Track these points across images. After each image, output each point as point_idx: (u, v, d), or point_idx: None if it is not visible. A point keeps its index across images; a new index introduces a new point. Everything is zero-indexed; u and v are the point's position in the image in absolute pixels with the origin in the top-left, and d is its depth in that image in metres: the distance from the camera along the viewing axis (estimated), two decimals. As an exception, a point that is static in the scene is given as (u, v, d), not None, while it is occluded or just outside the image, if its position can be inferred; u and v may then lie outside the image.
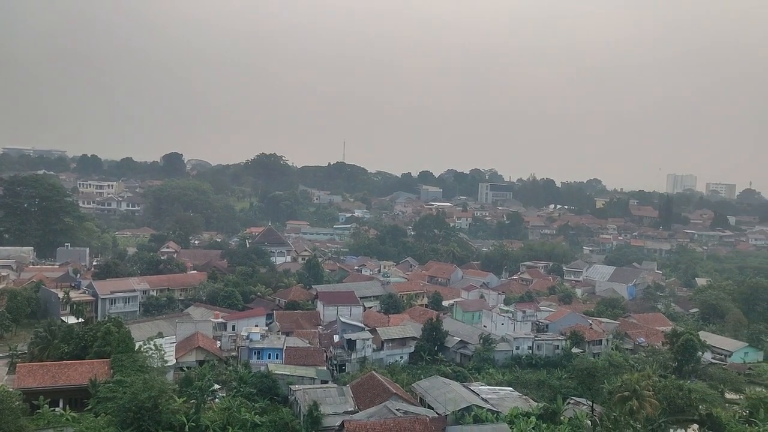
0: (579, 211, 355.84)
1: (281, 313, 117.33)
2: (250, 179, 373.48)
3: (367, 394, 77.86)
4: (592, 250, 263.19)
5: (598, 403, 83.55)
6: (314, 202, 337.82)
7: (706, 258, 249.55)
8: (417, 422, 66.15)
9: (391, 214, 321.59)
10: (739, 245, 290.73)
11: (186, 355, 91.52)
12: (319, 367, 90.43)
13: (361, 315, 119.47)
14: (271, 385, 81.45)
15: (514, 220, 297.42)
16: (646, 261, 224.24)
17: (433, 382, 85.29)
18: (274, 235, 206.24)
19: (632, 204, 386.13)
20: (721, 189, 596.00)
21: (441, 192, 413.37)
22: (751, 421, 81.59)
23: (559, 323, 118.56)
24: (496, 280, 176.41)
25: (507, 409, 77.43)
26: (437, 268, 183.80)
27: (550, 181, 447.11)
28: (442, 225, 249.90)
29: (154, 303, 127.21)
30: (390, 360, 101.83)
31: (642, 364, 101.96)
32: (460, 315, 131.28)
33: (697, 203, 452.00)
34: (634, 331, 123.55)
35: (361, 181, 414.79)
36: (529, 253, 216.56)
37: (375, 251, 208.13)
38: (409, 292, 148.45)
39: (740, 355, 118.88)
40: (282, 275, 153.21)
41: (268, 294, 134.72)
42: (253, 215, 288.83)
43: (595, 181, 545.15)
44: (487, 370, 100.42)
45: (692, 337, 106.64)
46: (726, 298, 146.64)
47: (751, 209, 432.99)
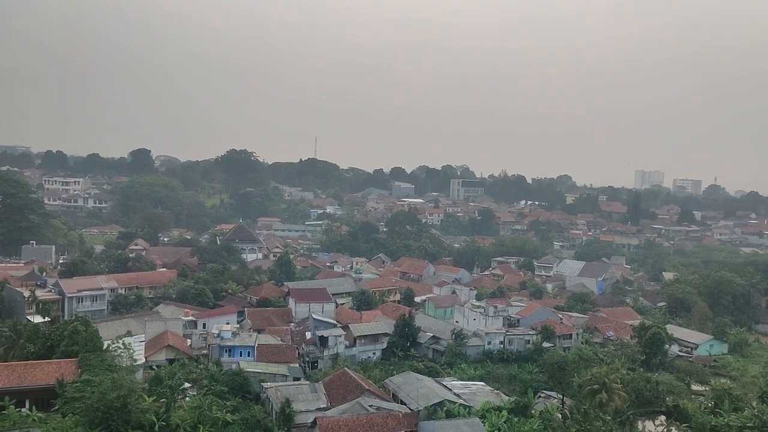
0: (549, 207, 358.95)
1: (253, 311, 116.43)
2: (220, 175, 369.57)
3: (339, 391, 77.71)
4: (562, 245, 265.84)
5: (568, 396, 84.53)
6: (286, 199, 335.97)
7: (673, 252, 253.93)
8: (390, 418, 66.28)
9: (363, 211, 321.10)
10: (705, 240, 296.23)
11: (156, 354, 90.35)
12: (291, 364, 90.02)
13: (333, 312, 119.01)
14: (243, 383, 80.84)
15: (485, 216, 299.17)
16: (615, 256, 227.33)
17: (405, 378, 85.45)
18: (245, 231, 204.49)
19: (601, 200, 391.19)
20: (688, 185, 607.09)
21: (413, 188, 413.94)
22: (716, 412, 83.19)
23: (530, 318, 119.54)
24: (467, 276, 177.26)
25: (479, 403, 77.95)
26: (409, 264, 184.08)
27: (521, 177, 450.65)
28: (414, 221, 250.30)
29: (122, 301, 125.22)
30: (362, 356, 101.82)
31: (611, 358, 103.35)
32: (432, 311, 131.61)
33: (665, 199, 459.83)
34: (603, 325, 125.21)
35: (333, 178, 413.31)
36: (501, 249, 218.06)
37: (347, 248, 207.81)
38: (382, 288, 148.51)
39: (706, 347, 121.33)
40: (253, 272, 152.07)
41: (240, 291, 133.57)
42: (224, 212, 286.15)
43: (565, 177, 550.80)
44: (460, 365, 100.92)
45: (659, 331, 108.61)
46: (692, 292, 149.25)
47: (716, 204, 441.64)
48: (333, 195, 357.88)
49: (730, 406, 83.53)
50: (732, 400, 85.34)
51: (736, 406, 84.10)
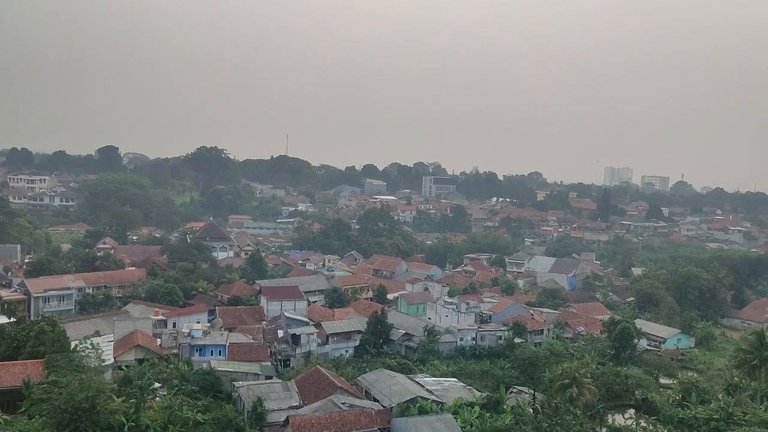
0: (521, 204, 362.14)
1: (224, 309, 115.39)
2: (190, 173, 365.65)
3: (312, 389, 77.36)
4: (533, 241, 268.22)
5: (539, 391, 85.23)
6: (257, 196, 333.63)
7: (642, 248, 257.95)
8: (362, 415, 66.19)
9: (335, 208, 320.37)
10: (672, 235, 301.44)
11: (125, 354, 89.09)
12: (263, 362, 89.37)
13: (305, 309, 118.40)
14: (214, 382, 79.93)
15: (457, 213, 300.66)
16: (585, 252, 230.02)
17: (378, 375, 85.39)
18: (216, 229, 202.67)
19: (572, 196, 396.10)
20: (656, 181, 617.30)
21: (385, 185, 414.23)
22: (683, 405, 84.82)
23: (501, 314, 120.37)
24: (440, 273, 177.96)
25: (451, 399, 78.17)
26: (382, 262, 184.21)
27: (493, 175, 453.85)
28: (387, 218, 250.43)
29: (90, 301, 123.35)
30: (335, 354, 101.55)
31: (581, 353, 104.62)
32: (404, 308, 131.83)
33: (633, 195, 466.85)
34: (573, 321, 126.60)
35: (305, 175, 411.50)
36: (473, 246, 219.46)
37: (319, 245, 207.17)
38: (354, 285, 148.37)
39: (673, 341, 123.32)
40: (224, 270, 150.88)
41: (210, 290, 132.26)
42: (194, 210, 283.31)
43: (536, 174, 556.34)
44: (432, 361, 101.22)
45: (629, 325, 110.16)
46: (660, 287, 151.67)
47: (683, 201, 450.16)
48: (305, 192, 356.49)
49: (697, 399, 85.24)
50: (699, 392, 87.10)
51: (703, 398, 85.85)
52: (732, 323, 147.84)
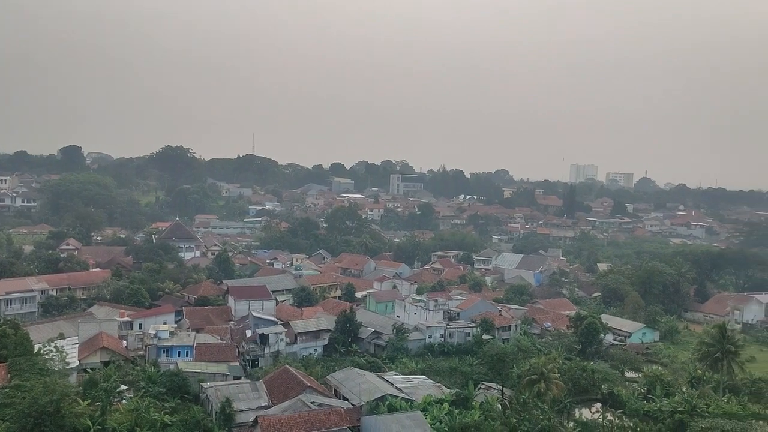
0: (488, 201, 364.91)
1: (191, 310, 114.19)
2: (155, 172, 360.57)
3: (281, 389, 76.92)
4: (500, 238, 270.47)
5: (507, 387, 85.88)
6: (223, 196, 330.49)
7: (607, 244, 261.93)
8: (332, 414, 65.99)
9: (302, 207, 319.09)
10: (637, 231, 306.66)
11: (90, 357, 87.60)
12: (231, 363, 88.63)
13: (273, 309, 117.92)
14: (182, 384, 78.96)
15: (425, 210, 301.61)
16: (551, 248, 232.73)
17: (347, 374, 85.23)
18: (182, 229, 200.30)
19: (538, 193, 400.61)
20: (620, 178, 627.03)
21: (353, 184, 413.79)
22: (648, 398, 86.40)
23: (469, 311, 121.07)
24: (408, 271, 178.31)
25: (420, 396, 78.38)
26: (350, 260, 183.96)
27: (460, 172, 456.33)
28: (355, 217, 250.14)
29: (54, 303, 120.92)
30: (304, 353, 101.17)
31: (548, 348, 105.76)
32: (373, 306, 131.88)
33: (598, 192, 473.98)
34: (541, 317, 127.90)
35: (272, 174, 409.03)
36: (440, 243, 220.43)
37: (287, 244, 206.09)
38: (322, 284, 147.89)
39: (638, 335, 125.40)
40: (191, 271, 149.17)
41: (177, 290, 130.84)
42: (160, 210, 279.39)
43: (502, 172, 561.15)
44: (401, 359, 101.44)
45: (595, 321, 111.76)
46: (625, 282, 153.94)
47: (647, 197, 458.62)
48: (272, 191, 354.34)
49: (661, 392, 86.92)
50: (663, 385, 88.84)
51: (668, 391, 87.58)
52: (695, 317, 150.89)
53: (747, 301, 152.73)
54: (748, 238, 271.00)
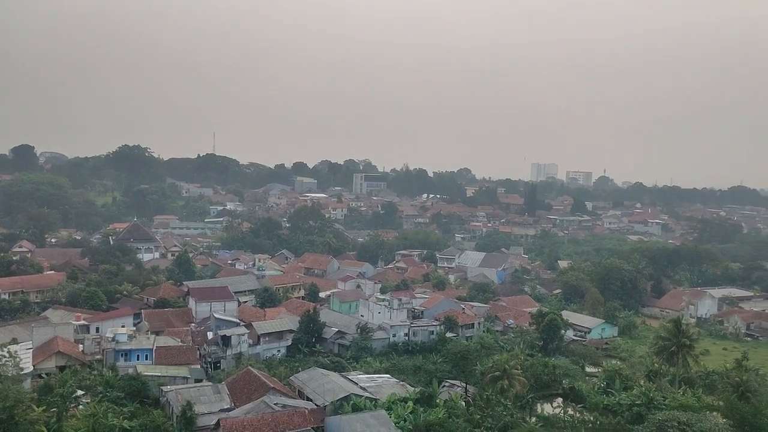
0: (451, 200, 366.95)
1: (150, 312, 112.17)
2: (112, 172, 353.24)
3: (243, 390, 76.02)
4: (463, 237, 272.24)
5: (471, 384, 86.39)
6: (183, 196, 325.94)
7: (567, 242, 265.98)
8: (295, 415, 65.43)
9: (264, 207, 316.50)
10: (596, 229, 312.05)
11: (45, 361, 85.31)
12: (192, 365, 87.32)
13: (235, 310, 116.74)
14: (141, 388, 77.61)
15: (388, 209, 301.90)
16: (513, 246, 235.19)
17: (311, 374, 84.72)
18: (141, 230, 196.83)
19: (500, 192, 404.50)
20: (579, 177, 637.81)
21: (315, 183, 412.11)
22: (608, 392, 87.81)
23: (433, 309, 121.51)
24: (372, 270, 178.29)
25: (385, 395, 78.33)
26: (313, 260, 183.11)
27: (423, 171, 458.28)
28: (318, 216, 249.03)
29: (6, 307, 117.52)
30: (267, 354, 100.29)
31: (511, 345, 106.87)
32: (337, 306, 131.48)
33: (559, 190, 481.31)
34: (503, 314, 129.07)
35: (233, 173, 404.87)
36: (404, 242, 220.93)
37: (249, 245, 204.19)
38: (285, 284, 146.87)
39: (598, 331, 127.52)
40: (150, 272, 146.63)
41: (136, 293, 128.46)
42: (117, 210, 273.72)
43: (465, 171, 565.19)
44: (365, 358, 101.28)
45: (556, 317, 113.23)
46: (585, 279, 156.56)
47: (606, 195, 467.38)
48: (233, 191, 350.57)
49: (620, 386, 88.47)
50: (622, 379, 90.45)
51: (626, 385, 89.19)
52: (652, 312, 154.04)
53: (701, 296, 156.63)
54: (702, 234, 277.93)
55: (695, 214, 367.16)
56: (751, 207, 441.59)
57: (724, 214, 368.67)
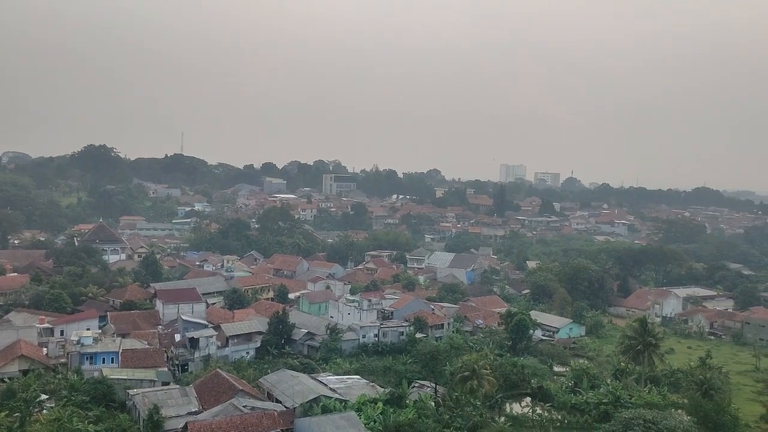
0: (420, 201, 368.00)
1: (116, 315, 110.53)
2: (77, 173, 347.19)
3: (212, 393, 75.24)
4: (433, 238, 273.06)
5: (441, 384, 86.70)
6: (151, 197, 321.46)
7: (536, 242, 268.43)
8: (264, 417, 65.02)
9: (233, 207, 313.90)
10: (564, 229, 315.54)
11: (7, 365, 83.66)
12: (159, 368, 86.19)
13: (204, 312, 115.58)
14: (106, 391, 76.31)
15: (358, 210, 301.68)
16: (482, 247, 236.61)
17: (280, 376, 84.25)
18: (107, 231, 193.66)
19: (469, 193, 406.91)
20: (547, 178, 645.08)
21: (285, 184, 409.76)
22: (575, 391, 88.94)
23: (403, 310, 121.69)
24: (341, 271, 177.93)
25: (355, 397, 78.22)
26: (282, 261, 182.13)
27: (393, 172, 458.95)
28: (287, 217, 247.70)
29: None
30: (236, 356, 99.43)
31: (480, 345, 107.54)
32: (306, 307, 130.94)
33: (527, 191, 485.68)
34: (472, 314, 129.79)
35: (201, 174, 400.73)
36: (374, 243, 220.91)
37: (217, 246, 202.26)
38: (254, 286, 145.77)
39: (566, 330, 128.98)
40: (116, 274, 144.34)
41: (101, 295, 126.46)
42: (82, 211, 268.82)
43: (434, 172, 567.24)
44: (335, 360, 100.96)
45: (524, 317, 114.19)
46: (553, 279, 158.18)
47: (573, 196, 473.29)
48: (201, 192, 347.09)
49: (587, 385, 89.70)
50: (590, 378, 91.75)
51: (594, 383, 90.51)
52: (618, 311, 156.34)
53: (666, 295, 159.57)
54: (667, 235, 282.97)
55: (660, 214, 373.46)
56: (714, 208, 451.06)
57: (689, 214, 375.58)
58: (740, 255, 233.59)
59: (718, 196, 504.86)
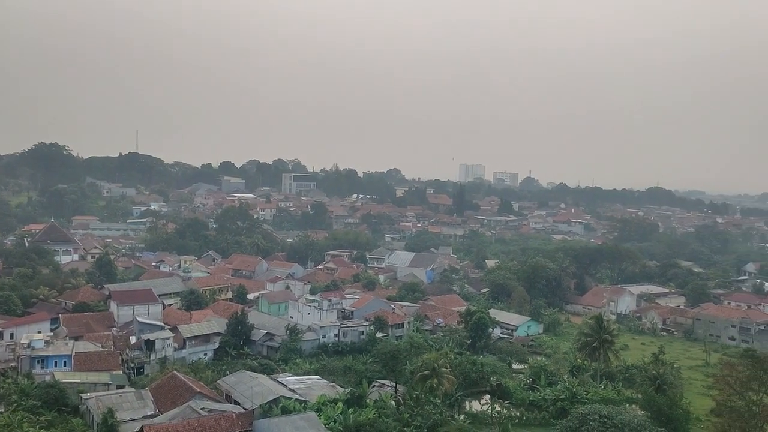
0: (380, 200, 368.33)
1: (68, 317, 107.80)
2: (27, 171, 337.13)
3: (168, 396, 73.93)
4: (393, 237, 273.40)
5: (401, 383, 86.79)
6: (104, 196, 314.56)
7: (494, 241, 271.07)
8: (223, 419, 64.20)
9: (190, 207, 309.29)
10: (522, 228, 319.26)
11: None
12: (113, 371, 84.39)
13: (160, 313, 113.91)
14: (59, 396, 74.32)
15: (318, 210, 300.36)
16: (442, 246, 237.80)
17: (239, 377, 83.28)
18: (58, 232, 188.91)
19: (429, 192, 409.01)
20: (506, 177, 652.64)
21: (243, 183, 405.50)
22: (533, 388, 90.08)
23: (363, 309, 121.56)
24: (301, 271, 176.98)
25: (314, 397, 77.85)
26: (241, 261, 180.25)
27: (353, 171, 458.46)
28: (246, 217, 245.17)
29: None
30: (193, 358, 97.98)
31: (440, 344, 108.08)
32: (266, 307, 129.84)
33: (486, 191, 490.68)
34: (432, 313, 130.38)
35: (157, 173, 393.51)
36: (334, 243, 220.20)
37: (174, 246, 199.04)
38: (212, 286, 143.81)
39: (524, 328, 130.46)
40: (69, 275, 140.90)
41: (53, 296, 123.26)
42: (33, 211, 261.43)
43: (394, 171, 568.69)
44: (295, 360, 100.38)
45: (483, 315, 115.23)
46: (512, 278, 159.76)
47: (531, 195, 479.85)
48: (157, 191, 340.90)
49: (545, 382, 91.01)
50: (547, 375, 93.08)
51: (551, 380, 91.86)
52: (575, 309, 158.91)
53: (620, 293, 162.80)
54: (621, 233, 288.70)
55: (615, 214, 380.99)
56: (666, 207, 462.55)
57: (642, 214, 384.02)
58: (691, 253, 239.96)
59: (670, 195, 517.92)
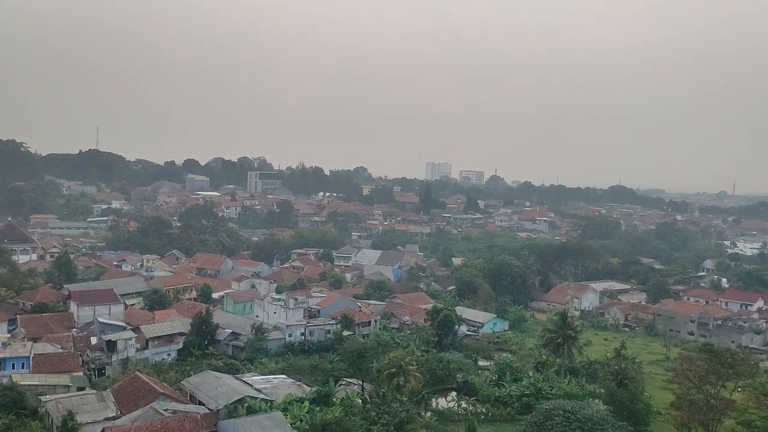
0: (347, 198, 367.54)
1: (27, 318, 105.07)
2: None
3: (131, 397, 72.51)
4: (360, 235, 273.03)
5: (368, 381, 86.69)
6: (64, 194, 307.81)
7: (461, 239, 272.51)
8: (187, 420, 63.14)
9: (153, 205, 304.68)
10: (488, 226, 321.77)
11: None
12: (74, 373, 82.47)
13: (122, 313, 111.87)
14: (17, 398, 72.35)
15: (284, 208, 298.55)
16: (409, 244, 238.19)
17: (203, 378, 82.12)
18: (16, 230, 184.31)
19: (396, 190, 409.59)
20: (472, 176, 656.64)
21: (208, 181, 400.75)
22: (499, 384, 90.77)
23: (330, 308, 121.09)
24: (267, 269, 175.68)
25: (281, 396, 77.23)
26: (206, 260, 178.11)
27: (319, 169, 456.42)
28: (210, 215, 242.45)
29: None
30: (156, 358, 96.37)
31: (407, 341, 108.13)
32: (231, 306, 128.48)
33: (453, 189, 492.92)
34: (399, 311, 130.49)
35: (119, 170, 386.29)
36: (300, 241, 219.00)
37: (136, 245, 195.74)
38: (176, 286, 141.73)
39: (490, 325, 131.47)
40: (27, 275, 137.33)
41: (10, 297, 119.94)
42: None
43: (361, 169, 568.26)
44: (261, 359, 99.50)
45: (450, 313, 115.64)
46: (478, 275, 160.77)
47: (497, 194, 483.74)
48: (119, 189, 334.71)
49: (511, 378, 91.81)
50: (513, 371, 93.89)
51: (516, 376, 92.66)
52: (540, 306, 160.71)
53: (584, 289, 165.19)
54: (585, 231, 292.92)
55: (579, 212, 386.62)
56: (628, 205, 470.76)
57: (605, 212, 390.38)
58: (652, 250, 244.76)
59: (632, 194, 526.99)
